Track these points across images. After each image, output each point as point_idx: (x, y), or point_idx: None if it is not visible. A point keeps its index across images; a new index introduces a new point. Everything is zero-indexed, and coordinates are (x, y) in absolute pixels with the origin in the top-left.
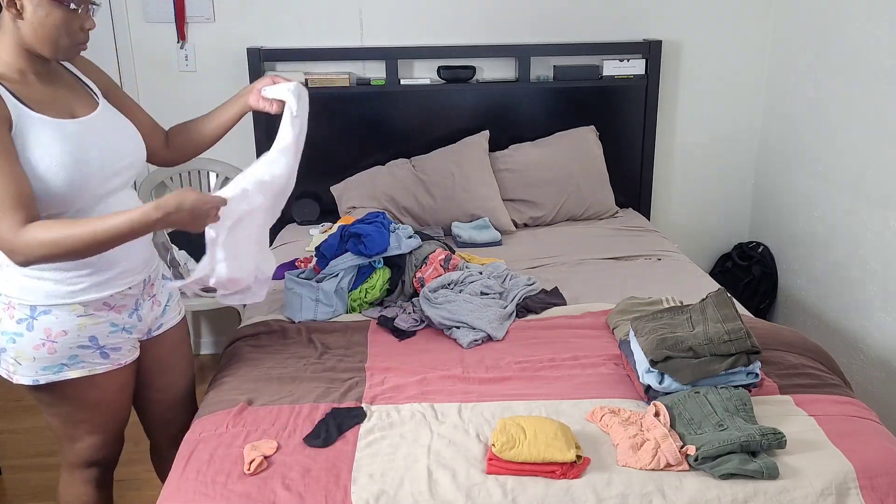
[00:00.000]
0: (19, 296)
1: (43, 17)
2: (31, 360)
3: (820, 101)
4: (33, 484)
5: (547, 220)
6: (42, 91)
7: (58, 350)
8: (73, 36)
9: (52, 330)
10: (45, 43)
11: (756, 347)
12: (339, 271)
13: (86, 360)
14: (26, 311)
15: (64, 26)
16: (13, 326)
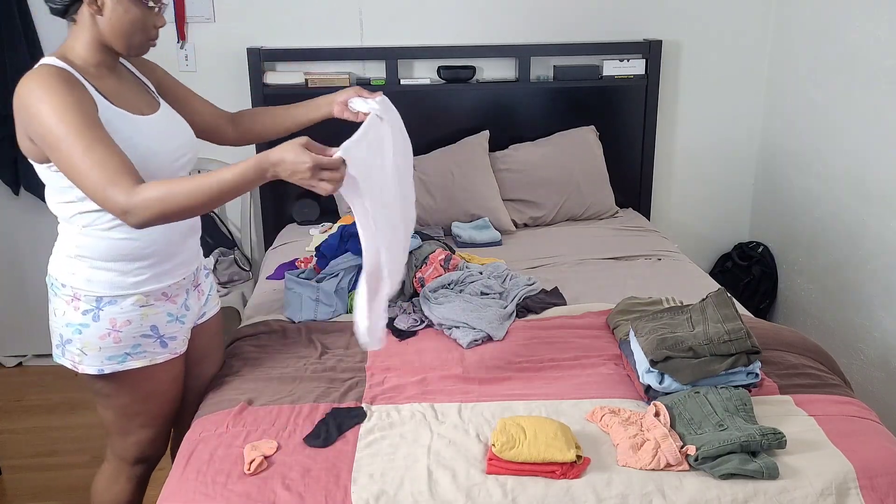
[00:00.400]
0: (85, 287)
1: (122, 13)
2: (97, 349)
3: (820, 101)
4: (33, 484)
5: (547, 220)
6: (116, 86)
7: (122, 339)
8: (146, 32)
9: (116, 320)
10: (121, 38)
11: (756, 347)
12: (339, 271)
13: (147, 350)
14: (92, 303)
15: (140, 23)
16: (79, 318)
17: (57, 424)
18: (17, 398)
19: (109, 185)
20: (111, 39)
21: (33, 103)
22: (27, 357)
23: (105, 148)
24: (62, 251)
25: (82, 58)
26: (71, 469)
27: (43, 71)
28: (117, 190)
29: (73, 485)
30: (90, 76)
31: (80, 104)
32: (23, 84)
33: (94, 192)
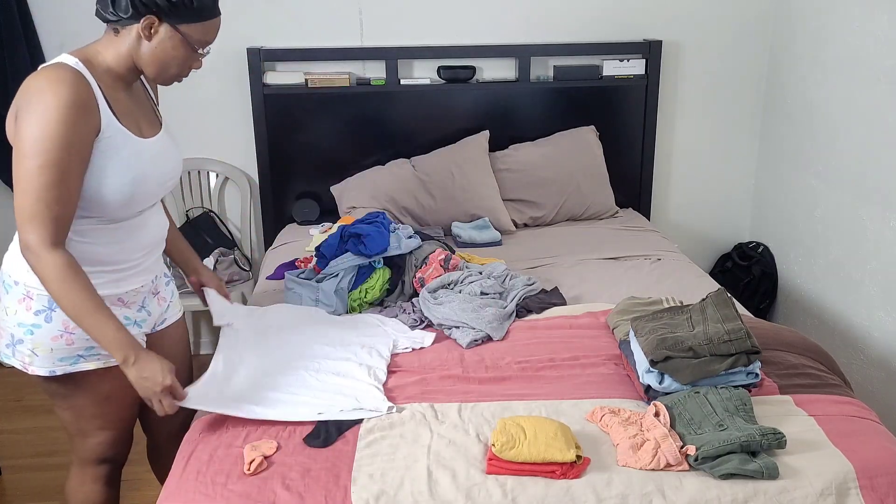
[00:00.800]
0: (38, 286)
1: (168, 48)
2: (48, 351)
3: (820, 101)
4: (33, 484)
5: (547, 220)
6: (126, 102)
7: (75, 341)
8: (181, 70)
9: (69, 322)
10: (155, 67)
11: (756, 347)
12: (339, 271)
13: (101, 353)
14: (44, 303)
15: (180, 61)
16: (31, 318)
17: (57, 424)
18: (17, 398)
19: (38, 223)
20: (146, 64)
21: (37, 104)
22: None
23: (62, 193)
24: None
25: (107, 67)
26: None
27: (61, 76)
28: (39, 234)
29: None
30: (106, 86)
31: (74, 136)
32: (38, 79)
33: (22, 215)
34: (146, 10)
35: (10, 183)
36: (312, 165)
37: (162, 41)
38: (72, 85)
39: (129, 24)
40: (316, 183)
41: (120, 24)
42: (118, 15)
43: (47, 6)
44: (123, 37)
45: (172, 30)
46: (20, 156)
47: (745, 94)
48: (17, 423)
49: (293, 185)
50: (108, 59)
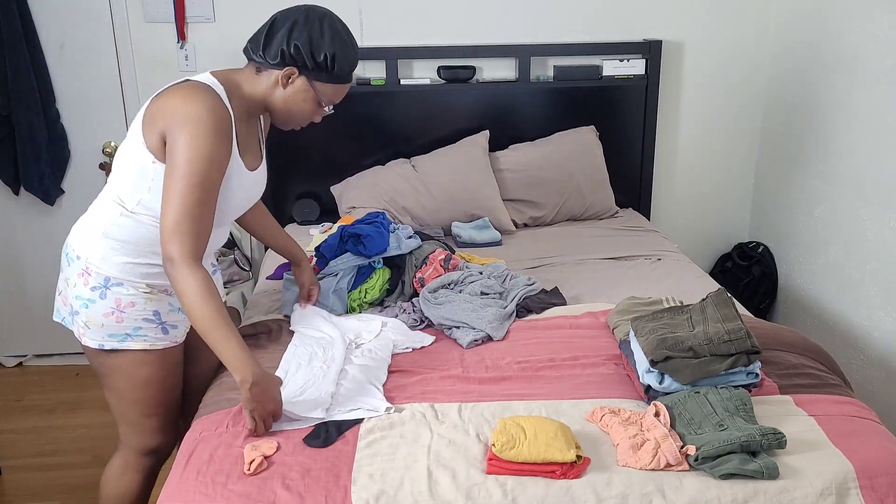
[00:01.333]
0: (97, 264)
1: (300, 101)
2: (99, 326)
3: (820, 101)
4: (33, 484)
5: (547, 220)
6: (244, 133)
7: (125, 320)
8: (304, 120)
9: (122, 300)
10: (282, 115)
11: (756, 347)
12: (339, 271)
13: (148, 334)
14: (100, 280)
15: (307, 114)
16: (87, 293)
17: (57, 424)
18: (17, 398)
19: (185, 238)
20: (275, 110)
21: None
22: (27, 357)
23: (207, 211)
24: (92, 225)
25: (244, 100)
26: (71, 469)
27: (211, 101)
28: (184, 248)
29: (73, 485)
30: (237, 118)
31: (220, 158)
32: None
33: (167, 228)
34: (292, 62)
35: (10, 183)
36: (312, 165)
37: (296, 92)
38: (218, 113)
39: (271, 67)
40: (316, 183)
41: (263, 66)
42: (265, 60)
43: (47, 6)
44: (263, 78)
45: (307, 84)
46: (174, 171)
47: (745, 94)
48: (17, 423)
49: (293, 185)
50: (245, 92)
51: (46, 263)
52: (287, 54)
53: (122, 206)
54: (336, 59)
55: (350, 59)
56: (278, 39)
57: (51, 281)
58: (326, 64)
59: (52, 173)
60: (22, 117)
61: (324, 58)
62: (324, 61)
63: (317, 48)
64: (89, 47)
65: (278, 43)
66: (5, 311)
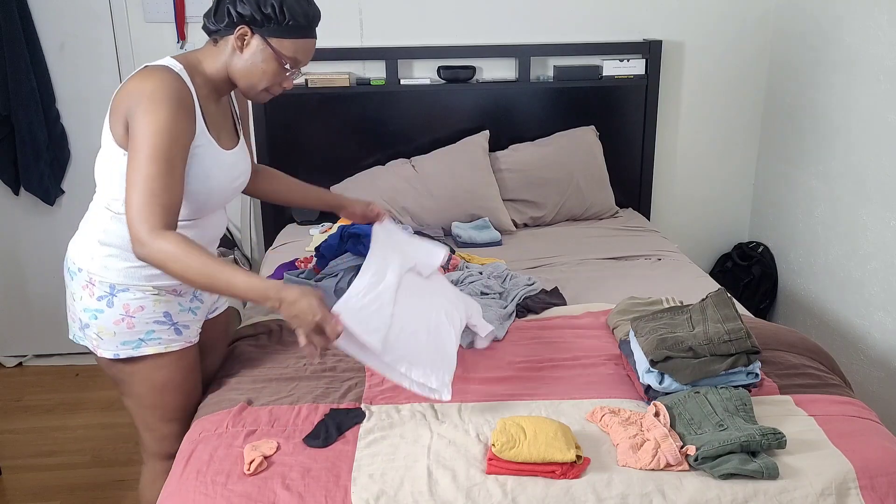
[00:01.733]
0: (100, 273)
1: (259, 61)
2: (112, 335)
3: (820, 101)
4: (33, 484)
5: (547, 220)
6: (213, 112)
7: (136, 325)
8: (270, 86)
9: (130, 306)
10: (246, 81)
11: (756, 347)
12: (339, 271)
13: (162, 337)
14: (105, 289)
15: (269, 77)
16: (94, 303)
17: (57, 424)
18: (17, 398)
19: (147, 213)
20: (238, 77)
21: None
22: (27, 357)
23: (168, 182)
24: (87, 235)
25: (205, 76)
26: (71, 469)
27: (168, 77)
28: (149, 224)
29: (73, 485)
30: (202, 96)
31: (179, 131)
32: (146, 79)
33: (130, 208)
34: (241, 19)
35: (10, 183)
36: (312, 165)
37: (253, 54)
38: (177, 88)
39: (226, 34)
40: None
41: (219, 35)
42: (216, 24)
43: (47, 6)
44: (221, 48)
45: (264, 42)
46: (133, 151)
47: (745, 94)
48: (17, 423)
49: None
50: (206, 69)
51: (46, 263)
52: (235, 13)
53: (110, 209)
54: (286, 6)
55: (302, 6)
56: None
57: (51, 281)
58: (275, 14)
59: (52, 173)
60: (22, 117)
61: (271, 8)
62: (272, 11)
63: (263, 1)
64: (89, 47)
65: (225, 3)
66: (5, 311)
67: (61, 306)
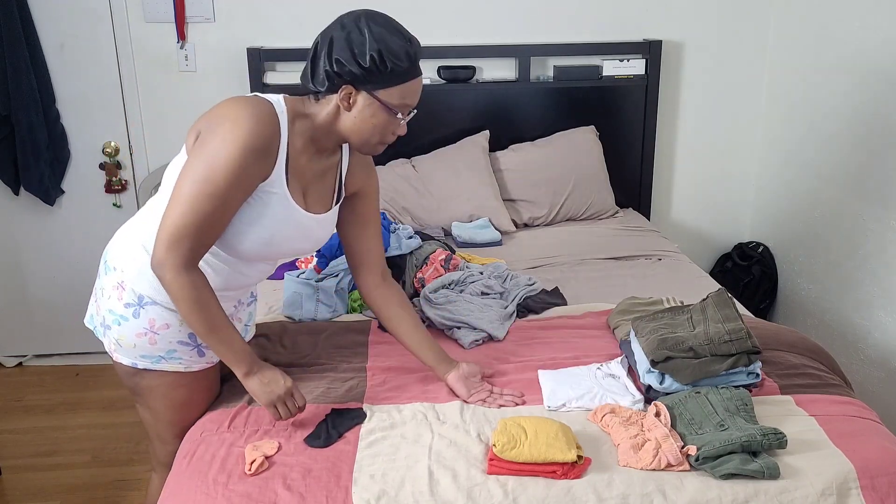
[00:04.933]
0: (133, 279)
1: (368, 116)
2: (131, 346)
3: (820, 102)
4: (33, 484)
5: (547, 220)
6: (306, 168)
7: (158, 342)
8: (383, 137)
9: (155, 322)
10: (357, 136)
11: (756, 347)
12: (339, 271)
13: (183, 357)
14: (134, 298)
15: (381, 128)
16: (120, 309)
17: (57, 424)
18: (17, 398)
19: (183, 245)
20: (348, 135)
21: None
22: (27, 357)
23: (214, 225)
24: (133, 235)
25: (310, 129)
26: (71, 469)
27: (261, 113)
28: (180, 256)
29: (73, 485)
30: (296, 146)
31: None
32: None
33: (165, 229)
34: (341, 81)
35: (10, 183)
36: None
37: (361, 110)
38: (265, 126)
39: (328, 95)
40: None
41: (320, 95)
42: (317, 87)
43: (47, 6)
44: (324, 105)
45: (370, 97)
46: (190, 172)
47: (745, 94)
48: (17, 423)
49: None
50: (311, 121)
51: (46, 263)
52: (334, 74)
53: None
54: (384, 55)
55: (402, 49)
56: (322, 62)
57: (51, 281)
58: (377, 66)
59: (52, 173)
60: (22, 117)
61: (370, 60)
62: (372, 64)
63: (360, 54)
64: (89, 47)
65: (323, 66)
66: (5, 311)
67: (61, 306)
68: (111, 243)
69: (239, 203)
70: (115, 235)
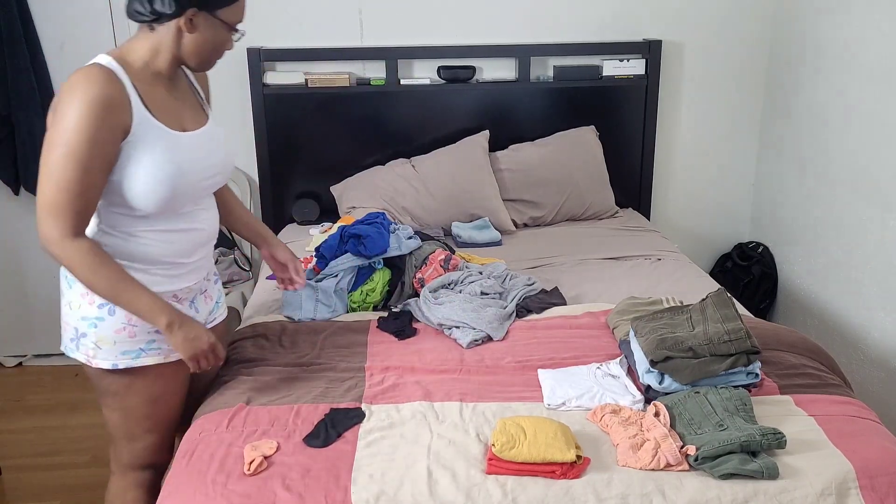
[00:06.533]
0: None
1: (209, 35)
2: (112, 343)
3: (820, 101)
4: (33, 484)
5: (547, 220)
6: (164, 97)
7: (137, 334)
8: (219, 54)
9: (132, 315)
10: (198, 57)
11: (756, 347)
12: (339, 272)
13: (161, 347)
14: None
15: (220, 45)
16: (94, 311)
17: (57, 424)
18: (17, 398)
19: (60, 215)
20: (187, 56)
21: (68, 101)
22: (27, 357)
23: (85, 188)
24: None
25: (145, 63)
26: (71, 469)
27: (92, 75)
28: (62, 226)
29: (73, 485)
30: (143, 83)
31: (99, 131)
32: (72, 78)
33: (42, 206)
34: (189, 4)
35: (9, 183)
36: (312, 165)
37: (203, 31)
38: (102, 83)
39: (168, 20)
40: (316, 183)
41: (159, 22)
42: (159, 13)
43: (47, 6)
44: (159, 33)
45: (211, 17)
46: (49, 146)
47: (745, 94)
48: (17, 423)
49: (293, 185)
50: (146, 56)
51: (46, 263)
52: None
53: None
54: None
55: None
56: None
57: (51, 281)
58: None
59: None
60: (22, 117)
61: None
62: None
63: None
64: (89, 47)
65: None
66: (5, 311)
67: None
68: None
69: (102, 162)
70: None
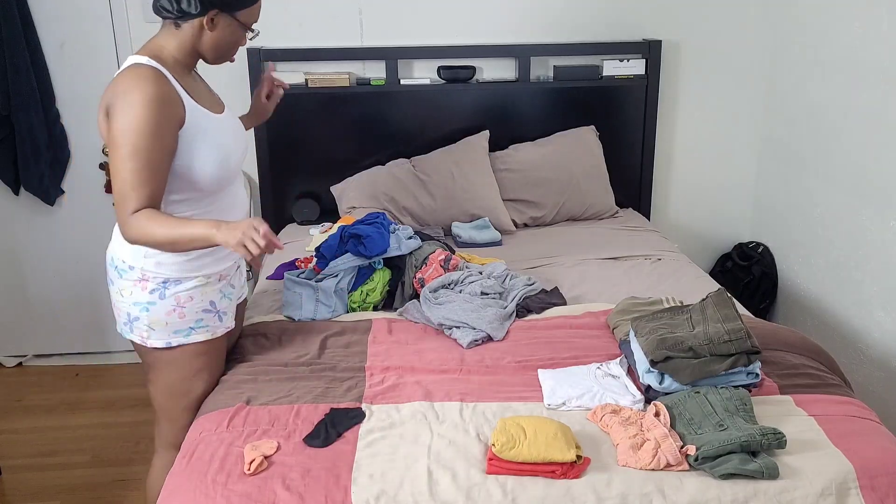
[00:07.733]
0: (154, 270)
1: (228, 34)
2: (164, 325)
3: (820, 101)
4: (33, 484)
5: (547, 220)
6: (196, 87)
7: (187, 315)
8: (234, 50)
9: (181, 297)
10: (216, 53)
11: (756, 347)
12: (339, 272)
13: (209, 324)
14: (158, 283)
15: (235, 43)
16: (146, 297)
17: (57, 424)
18: (17, 398)
19: (129, 205)
20: (206, 51)
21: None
22: (27, 357)
23: (149, 176)
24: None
25: (174, 58)
26: (71, 469)
27: (144, 73)
28: (128, 206)
29: (73, 485)
30: (179, 76)
31: (158, 125)
32: (125, 79)
33: (118, 195)
34: (211, 5)
35: (10, 183)
36: (312, 165)
37: (223, 29)
38: (155, 82)
39: (193, 18)
40: (316, 183)
41: (184, 20)
42: (185, 11)
43: (47, 6)
44: (184, 30)
45: (230, 18)
46: (114, 147)
47: (745, 95)
48: (17, 423)
49: (293, 185)
50: (174, 52)
51: (46, 263)
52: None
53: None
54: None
55: None
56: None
57: (51, 281)
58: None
59: (52, 173)
60: (22, 117)
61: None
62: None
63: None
64: (89, 47)
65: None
66: (5, 311)
67: (61, 306)
68: (114, 250)
69: (163, 153)
70: (113, 246)
